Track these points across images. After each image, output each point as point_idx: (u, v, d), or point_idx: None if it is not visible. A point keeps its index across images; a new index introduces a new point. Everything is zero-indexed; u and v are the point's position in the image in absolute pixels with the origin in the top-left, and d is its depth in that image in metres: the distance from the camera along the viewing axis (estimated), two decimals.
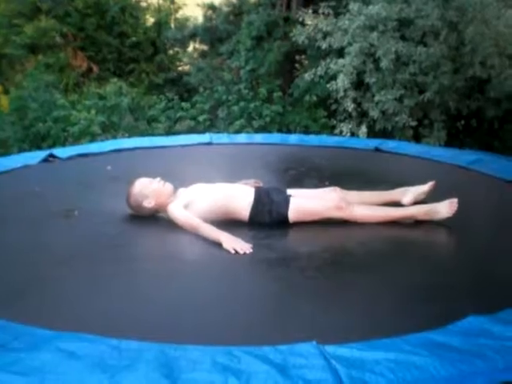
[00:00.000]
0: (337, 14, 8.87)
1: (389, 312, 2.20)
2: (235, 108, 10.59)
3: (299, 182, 4.10)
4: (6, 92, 12.13)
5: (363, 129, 8.60)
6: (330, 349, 1.75)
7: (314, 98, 10.19)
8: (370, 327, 2.05)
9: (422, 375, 1.63)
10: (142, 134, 9.84)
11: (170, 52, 14.73)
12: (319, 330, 2.01)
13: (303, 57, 11.24)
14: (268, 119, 10.36)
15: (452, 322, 1.95)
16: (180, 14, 15.45)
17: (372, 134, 8.55)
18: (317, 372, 1.62)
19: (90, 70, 13.21)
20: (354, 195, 3.47)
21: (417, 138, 8.69)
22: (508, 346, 1.79)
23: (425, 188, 3.54)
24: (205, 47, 13.74)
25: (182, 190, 3.39)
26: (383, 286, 2.46)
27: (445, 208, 3.21)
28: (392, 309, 2.24)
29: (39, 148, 9.59)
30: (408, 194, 3.52)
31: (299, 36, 9.17)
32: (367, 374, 1.61)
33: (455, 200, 3.19)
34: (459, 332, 1.89)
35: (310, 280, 2.55)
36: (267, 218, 3.24)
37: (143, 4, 15.06)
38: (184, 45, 14.43)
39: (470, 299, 2.30)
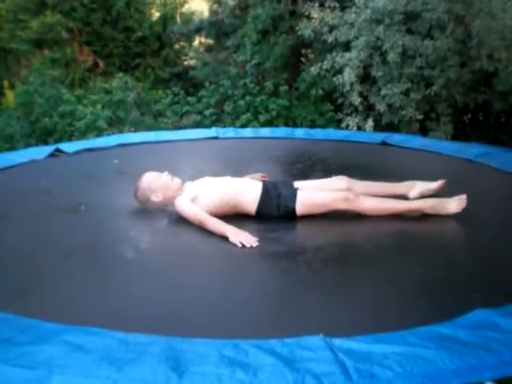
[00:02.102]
0: (343, 8, 8.82)
1: (396, 305, 2.20)
2: (241, 102, 10.58)
3: (306, 176, 4.10)
4: (12, 87, 12.14)
5: (370, 122, 8.57)
6: (337, 342, 1.74)
7: (321, 92, 10.16)
8: (377, 320, 2.04)
9: (430, 368, 1.62)
10: (149, 128, 9.84)
11: (176, 46, 14.71)
12: (326, 323, 2.01)
13: (309, 50, 11.21)
14: (274, 113, 10.34)
15: (459, 315, 1.95)
16: (185, 8, 15.44)
17: (378, 127, 8.52)
18: (324, 365, 1.62)
19: (95, 64, 13.22)
20: (361, 185, 3.46)
21: (423, 132, 8.66)
22: None
23: (433, 186, 3.51)
24: (210, 41, 13.71)
25: (189, 184, 3.39)
26: (390, 280, 2.46)
27: (453, 204, 3.20)
28: (399, 302, 2.24)
29: (45, 143, 9.61)
30: (415, 188, 3.50)
31: (305, 30, 9.13)
32: (374, 367, 1.61)
33: (464, 196, 3.18)
34: (466, 325, 1.88)
35: (317, 273, 2.55)
36: (275, 212, 3.24)
37: None
38: (190, 39, 14.41)
39: (477, 292, 2.30)
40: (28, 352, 1.68)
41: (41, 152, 5.01)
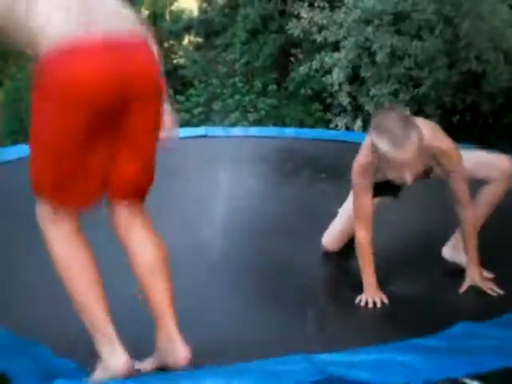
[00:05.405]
0: (332, 8, 8.83)
1: (381, 321, 2.21)
2: (230, 101, 10.57)
3: (295, 175, 4.10)
4: (1, 84, 12.09)
5: (358, 123, 8.59)
6: (320, 357, 1.74)
7: (309, 92, 10.17)
8: (362, 337, 2.05)
9: (407, 370, 1.63)
10: None
11: (165, 44, 14.68)
12: (311, 339, 2.00)
13: (298, 50, 11.22)
14: (263, 112, 10.34)
15: (442, 329, 1.96)
16: (175, 7, 15.42)
17: (367, 128, 8.53)
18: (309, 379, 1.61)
19: None
20: None
21: None
22: (494, 344, 1.80)
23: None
24: (200, 40, 13.70)
25: None
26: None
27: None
28: (384, 318, 2.25)
29: None
30: None
31: (294, 29, 9.13)
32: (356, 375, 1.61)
33: None
34: (448, 337, 1.89)
35: (301, 290, 2.54)
36: None
37: None
38: (179, 37, 14.39)
39: (461, 308, 2.32)
40: None
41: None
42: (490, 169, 2.64)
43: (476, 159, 2.68)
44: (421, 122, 2.44)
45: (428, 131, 2.36)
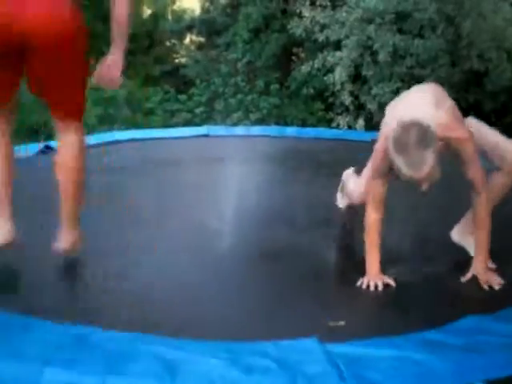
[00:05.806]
0: (334, 7, 8.83)
1: (390, 312, 2.20)
2: (232, 100, 10.56)
3: (296, 173, 4.10)
4: None
5: (360, 122, 8.59)
6: (331, 346, 1.74)
7: (311, 91, 10.17)
8: (372, 326, 2.05)
9: (421, 370, 1.62)
10: (139, 126, 9.78)
11: (167, 44, 14.68)
12: (321, 328, 1.99)
13: (301, 49, 11.21)
14: (265, 111, 10.32)
15: (451, 321, 1.95)
16: (177, 6, 15.41)
17: (369, 127, 8.53)
18: (317, 367, 1.61)
19: None
20: None
21: None
22: (507, 342, 1.79)
23: None
24: (202, 39, 13.70)
25: None
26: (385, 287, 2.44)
27: None
28: (394, 309, 2.24)
29: (34, 140, 9.53)
30: None
31: (296, 28, 9.13)
32: (368, 371, 1.60)
33: None
34: (458, 330, 1.88)
35: (312, 277, 2.54)
36: None
37: None
38: (181, 37, 14.38)
39: (469, 301, 2.31)
40: None
41: (30, 149, 4.98)
42: (499, 155, 2.67)
43: (490, 137, 2.77)
44: (443, 104, 2.48)
45: (448, 118, 2.40)
